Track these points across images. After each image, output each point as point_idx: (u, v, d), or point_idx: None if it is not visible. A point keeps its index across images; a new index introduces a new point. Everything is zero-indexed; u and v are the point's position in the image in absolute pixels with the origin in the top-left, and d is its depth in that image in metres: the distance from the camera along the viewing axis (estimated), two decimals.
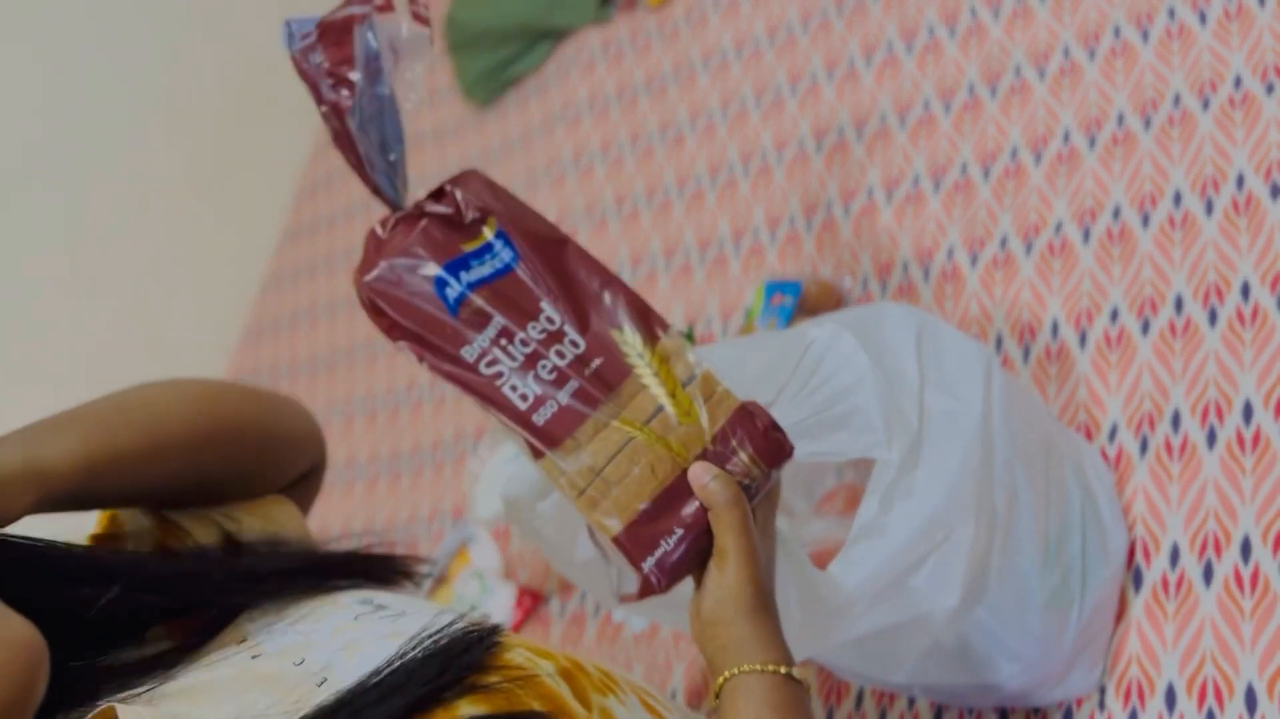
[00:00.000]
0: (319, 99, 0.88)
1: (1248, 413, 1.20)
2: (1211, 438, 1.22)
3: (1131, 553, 1.22)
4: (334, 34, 0.87)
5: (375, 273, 0.88)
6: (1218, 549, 1.17)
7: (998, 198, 1.54)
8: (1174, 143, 1.41)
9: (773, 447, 0.87)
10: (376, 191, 0.90)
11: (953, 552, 1.07)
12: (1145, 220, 1.38)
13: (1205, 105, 1.40)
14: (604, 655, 1.56)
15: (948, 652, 1.15)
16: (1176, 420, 1.25)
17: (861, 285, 1.61)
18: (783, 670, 0.82)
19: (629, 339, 0.87)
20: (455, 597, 1.71)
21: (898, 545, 1.05)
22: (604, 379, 0.86)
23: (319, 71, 0.88)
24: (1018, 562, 1.13)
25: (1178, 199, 1.37)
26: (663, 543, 0.83)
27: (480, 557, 1.74)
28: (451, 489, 1.94)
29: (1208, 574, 1.16)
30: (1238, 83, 1.39)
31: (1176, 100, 1.43)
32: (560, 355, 0.86)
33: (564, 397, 0.85)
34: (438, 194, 0.90)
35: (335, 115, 0.88)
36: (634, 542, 0.83)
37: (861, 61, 1.82)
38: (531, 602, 1.67)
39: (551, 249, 0.89)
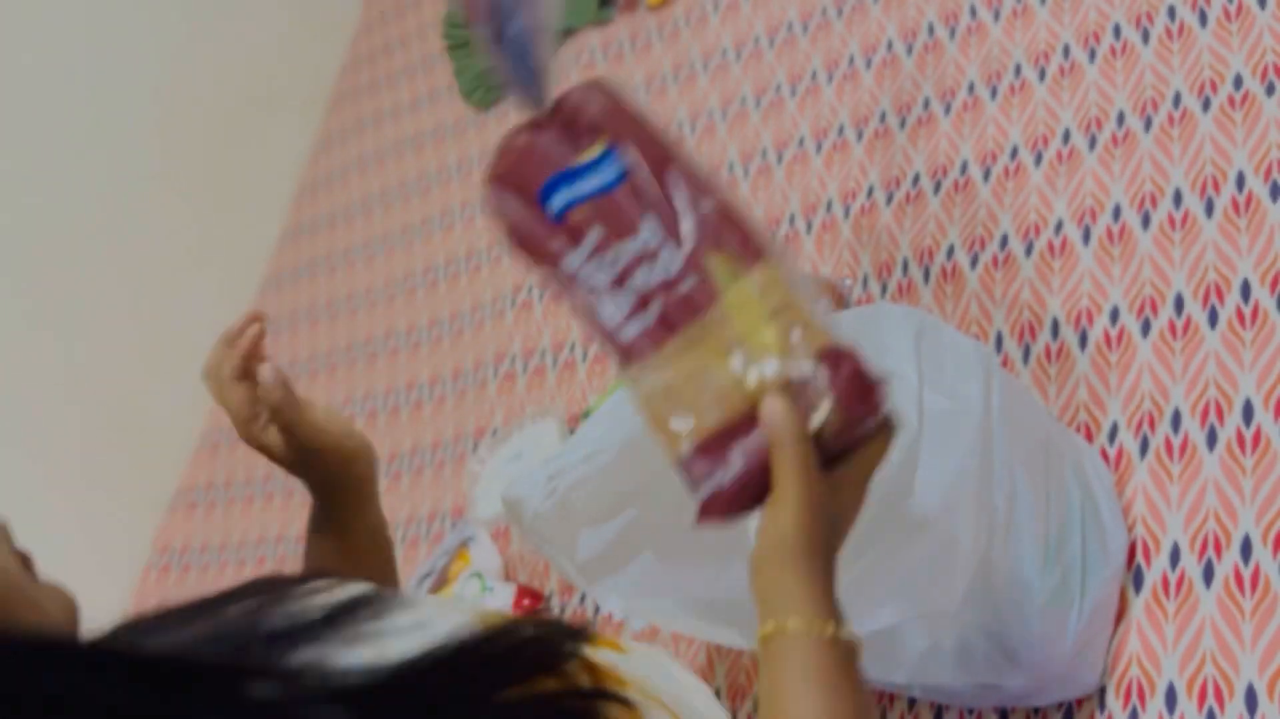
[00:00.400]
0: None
1: (1248, 413, 1.20)
2: (1212, 438, 1.22)
3: (1132, 553, 1.22)
4: None
5: (500, 172, 0.90)
6: (1218, 549, 1.17)
7: (997, 198, 1.54)
8: (1174, 143, 1.41)
9: (856, 391, 0.82)
10: (515, 93, 0.91)
11: (952, 553, 1.07)
12: (1145, 220, 1.38)
13: (1205, 105, 1.40)
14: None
15: (948, 652, 1.15)
16: (1177, 420, 1.25)
17: (861, 285, 1.60)
18: (827, 633, 0.77)
19: (723, 265, 0.85)
20: (455, 597, 1.71)
21: (896, 547, 1.05)
22: (693, 302, 0.84)
23: None
24: (1018, 562, 1.13)
25: (1178, 199, 1.36)
26: (719, 473, 0.81)
27: (480, 557, 1.74)
28: (451, 489, 1.94)
29: (1208, 574, 1.16)
30: (1238, 82, 1.39)
31: (1177, 100, 1.43)
32: (653, 274, 0.85)
33: (651, 316, 0.85)
34: (561, 103, 0.90)
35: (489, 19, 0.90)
36: (696, 467, 0.82)
37: (861, 62, 1.82)
38: (531, 602, 1.67)
39: (660, 166, 0.87)
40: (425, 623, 0.76)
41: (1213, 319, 1.28)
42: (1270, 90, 1.35)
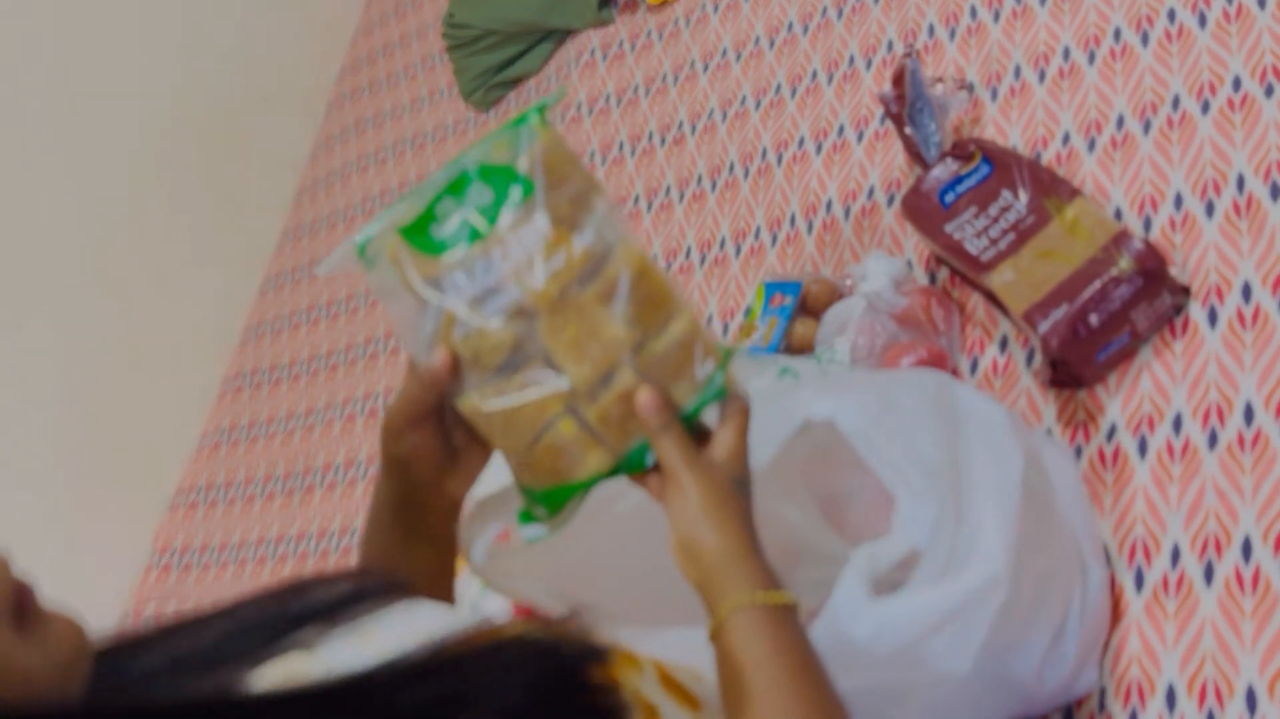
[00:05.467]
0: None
1: (1249, 414, 1.21)
2: (1213, 439, 1.22)
3: (1132, 553, 1.22)
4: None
5: (922, 189, 1.48)
6: (1219, 549, 1.17)
7: None
8: (1173, 145, 1.41)
9: (1152, 254, 1.28)
10: (918, 157, 1.54)
11: (978, 617, 1.07)
12: (1147, 224, 1.38)
13: (1205, 108, 1.40)
14: None
15: (952, 693, 1.14)
16: (1178, 423, 1.25)
17: None
18: (775, 601, 0.82)
19: (1053, 203, 1.37)
20: (455, 596, 1.71)
21: (945, 601, 1.06)
22: (1031, 229, 1.37)
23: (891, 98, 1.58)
24: (1028, 619, 1.13)
25: (1178, 202, 1.37)
26: (1054, 312, 1.30)
27: None
28: None
29: (1208, 574, 1.17)
30: (1237, 85, 1.39)
31: (1176, 103, 1.43)
32: (1005, 219, 1.39)
33: (1003, 243, 1.37)
34: (963, 145, 1.48)
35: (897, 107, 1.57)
36: (1037, 314, 1.30)
37: (861, 62, 1.82)
38: None
39: (1013, 161, 1.43)
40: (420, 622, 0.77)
41: (1213, 320, 1.28)
42: (1269, 92, 1.36)
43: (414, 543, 0.99)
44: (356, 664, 0.70)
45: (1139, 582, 1.21)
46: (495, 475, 1.00)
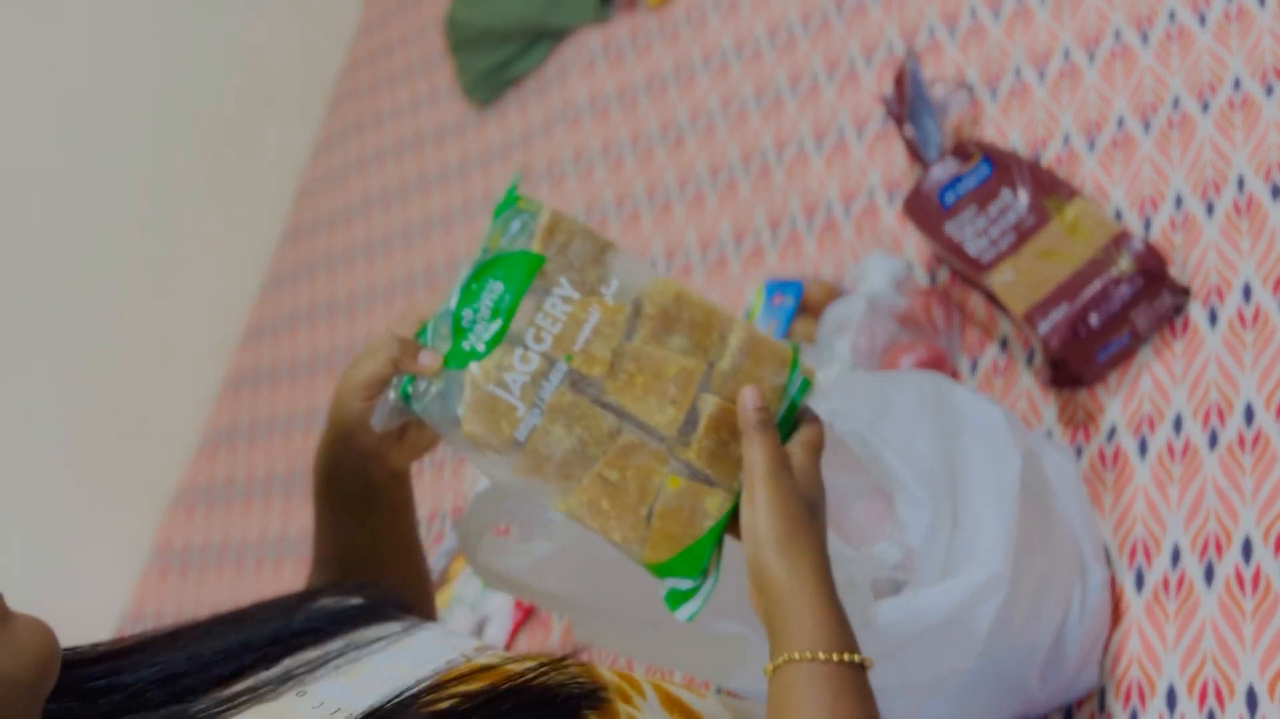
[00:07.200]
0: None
1: (1249, 415, 1.21)
2: (1213, 440, 1.22)
3: (1133, 553, 1.22)
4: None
5: (922, 189, 1.46)
6: (1219, 550, 1.17)
7: None
8: (1173, 146, 1.41)
9: (1153, 254, 1.28)
10: (918, 157, 1.53)
11: (977, 617, 1.06)
12: (1147, 224, 1.38)
13: (1205, 108, 1.40)
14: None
15: (952, 694, 1.14)
16: (1178, 423, 1.25)
17: None
18: (835, 658, 0.77)
19: (1053, 203, 1.36)
20: (455, 597, 1.71)
21: (952, 598, 1.05)
22: (1031, 229, 1.36)
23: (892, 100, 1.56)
24: (1032, 617, 1.13)
25: (1179, 202, 1.37)
26: (1055, 311, 1.30)
27: None
28: (452, 489, 1.94)
29: (1209, 574, 1.17)
30: (1237, 85, 1.39)
31: (1176, 103, 1.43)
32: (1006, 219, 1.38)
33: (1003, 243, 1.36)
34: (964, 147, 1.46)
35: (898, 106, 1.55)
36: (1037, 314, 1.30)
37: (862, 61, 1.82)
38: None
39: (1013, 161, 1.42)
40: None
41: (1213, 320, 1.28)
42: (1269, 92, 1.36)
43: (355, 512, 0.99)
44: (342, 705, 0.70)
45: (1139, 582, 1.21)
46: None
